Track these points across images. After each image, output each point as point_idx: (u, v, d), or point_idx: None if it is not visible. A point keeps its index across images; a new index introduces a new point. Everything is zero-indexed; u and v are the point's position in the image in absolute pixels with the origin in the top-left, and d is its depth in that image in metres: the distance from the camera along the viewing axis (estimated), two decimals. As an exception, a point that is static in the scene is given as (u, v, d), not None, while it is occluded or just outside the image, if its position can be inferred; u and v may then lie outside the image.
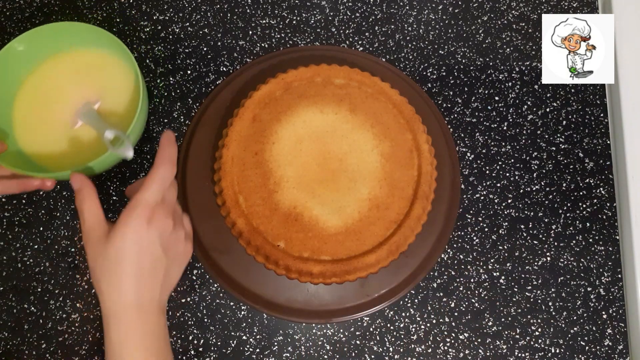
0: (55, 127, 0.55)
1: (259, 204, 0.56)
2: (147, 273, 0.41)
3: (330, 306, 0.59)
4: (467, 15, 0.72)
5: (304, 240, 0.55)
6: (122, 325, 0.40)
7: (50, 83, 0.57)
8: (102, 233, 0.41)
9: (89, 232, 0.42)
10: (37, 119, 0.55)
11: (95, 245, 0.41)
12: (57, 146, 0.55)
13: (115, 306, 0.40)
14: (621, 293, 0.62)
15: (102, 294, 0.41)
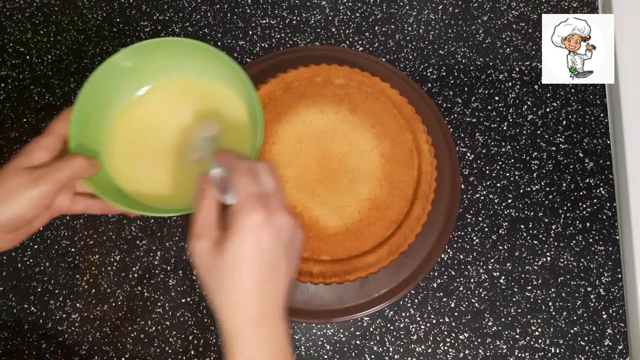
0: (151, 158, 0.48)
1: (259, 204, 0.56)
2: (268, 279, 0.35)
3: (330, 306, 0.59)
4: (467, 15, 0.72)
5: (304, 240, 0.55)
6: (247, 344, 0.35)
7: (152, 110, 0.49)
8: (212, 240, 0.35)
9: (198, 239, 0.35)
10: (133, 147, 0.48)
11: (206, 255, 0.35)
12: (151, 178, 0.48)
13: (238, 324, 0.35)
14: (621, 293, 0.62)
15: (220, 311, 0.35)
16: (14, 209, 0.37)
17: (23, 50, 0.70)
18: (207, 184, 0.37)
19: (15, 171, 0.38)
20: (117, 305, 0.60)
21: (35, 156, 0.39)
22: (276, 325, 0.36)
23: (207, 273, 0.35)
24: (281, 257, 0.36)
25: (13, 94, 0.68)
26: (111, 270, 0.62)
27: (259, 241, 0.34)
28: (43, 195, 0.38)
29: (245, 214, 0.34)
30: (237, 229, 0.34)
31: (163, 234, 0.63)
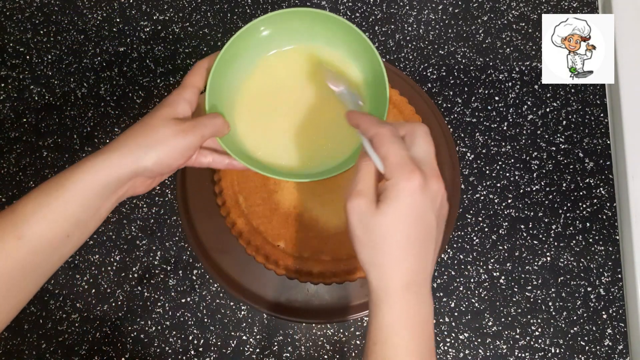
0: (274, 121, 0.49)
1: (259, 204, 0.56)
2: (419, 247, 0.35)
3: (330, 306, 0.59)
4: (467, 15, 0.72)
5: (304, 240, 0.55)
6: (394, 308, 0.35)
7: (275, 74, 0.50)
8: (371, 200, 0.35)
9: (358, 196, 0.35)
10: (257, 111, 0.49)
11: (362, 215, 0.35)
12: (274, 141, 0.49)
13: (389, 285, 0.35)
14: (621, 293, 0.62)
15: (371, 270, 0.36)
16: (163, 155, 0.40)
17: (23, 50, 0.70)
18: (368, 145, 0.37)
19: (165, 120, 0.40)
20: (117, 305, 0.60)
21: (179, 108, 0.42)
22: (424, 294, 0.36)
23: (363, 231, 0.36)
24: (434, 224, 0.36)
25: (13, 94, 0.68)
26: (111, 270, 0.62)
27: (416, 206, 0.35)
28: (190, 146, 0.41)
29: (403, 180, 0.34)
30: (395, 193, 0.34)
31: (163, 234, 0.63)
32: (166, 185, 0.64)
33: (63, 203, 0.37)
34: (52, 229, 0.37)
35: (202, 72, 0.44)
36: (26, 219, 0.37)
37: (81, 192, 0.38)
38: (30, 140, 0.66)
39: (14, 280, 0.37)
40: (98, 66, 0.69)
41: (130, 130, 0.41)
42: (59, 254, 0.39)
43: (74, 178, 0.38)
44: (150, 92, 0.68)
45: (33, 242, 0.37)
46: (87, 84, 0.68)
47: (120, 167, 0.39)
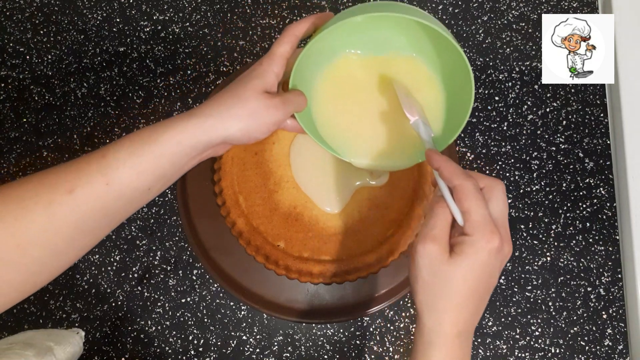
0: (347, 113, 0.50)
1: (259, 204, 0.56)
2: (481, 300, 0.38)
3: (330, 306, 0.59)
4: (467, 15, 0.72)
5: (304, 240, 0.55)
6: (443, 353, 0.37)
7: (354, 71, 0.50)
8: (444, 248, 0.36)
9: (432, 241, 0.36)
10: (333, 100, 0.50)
11: (433, 260, 0.36)
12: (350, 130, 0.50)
13: (445, 331, 0.37)
14: (621, 293, 0.62)
15: (429, 313, 0.38)
16: (253, 127, 0.41)
17: (23, 50, 0.70)
18: (448, 194, 0.38)
19: (256, 93, 0.41)
20: (117, 305, 0.60)
21: (269, 81, 0.43)
22: (469, 342, 0.39)
23: (430, 275, 0.37)
24: (495, 282, 0.38)
25: (13, 94, 0.68)
26: (111, 270, 0.62)
27: (488, 266, 0.36)
28: (277, 121, 0.43)
29: (484, 240, 0.36)
30: (474, 250, 0.36)
31: (163, 234, 0.63)
32: (166, 185, 0.64)
33: (153, 157, 0.38)
34: (139, 179, 0.38)
35: (292, 40, 0.44)
36: (117, 166, 0.37)
37: (172, 149, 0.39)
38: (30, 140, 0.66)
39: (95, 222, 0.38)
40: (98, 66, 0.69)
41: (221, 97, 0.41)
42: (138, 204, 0.40)
43: (167, 135, 0.39)
44: (150, 92, 0.68)
45: (119, 190, 0.38)
46: (87, 84, 0.68)
47: (211, 133, 0.40)
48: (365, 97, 0.50)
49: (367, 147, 0.50)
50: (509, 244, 0.37)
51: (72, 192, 0.36)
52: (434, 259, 0.36)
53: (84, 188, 0.36)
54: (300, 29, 0.45)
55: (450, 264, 0.36)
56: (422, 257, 0.37)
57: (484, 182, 0.39)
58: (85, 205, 0.36)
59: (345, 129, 0.50)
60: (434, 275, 0.37)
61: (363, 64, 0.50)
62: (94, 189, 0.37)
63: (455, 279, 0.36)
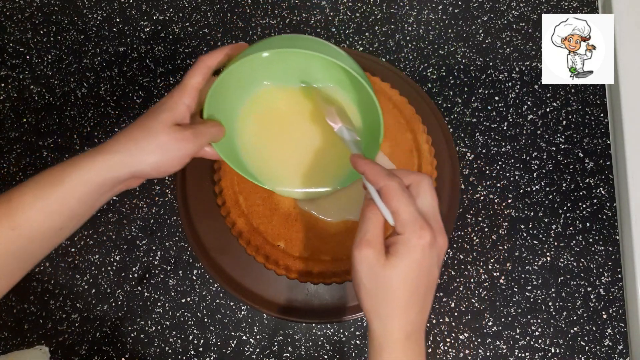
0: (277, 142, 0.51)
1: (259, 204, 0.56)
2: (421, 299, 0.37)
3: (330, 306, 0.59)
4: (467, 15, 0.72)
5: (304, 240, 0.55)
6: (394, 357, 0.37)
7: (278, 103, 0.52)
8: (379, 251, 0.37)
9: (367, 246, 0.37)
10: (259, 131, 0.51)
11: (371, 266, 0.36)
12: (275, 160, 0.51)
13: (392, 335, 0.37)
14: (621, 293, 0.62)
15: (375, 319, 0.38)
16: (162, 161, 0.41)
17: (23, 50, 0.70)
18: (377, 196, 0.38)
19: (165, 126, 0.41)
20: (117, 305, 0.60)
21: (179, 113, 0.42)
22: (420, 343, 0.38)
23: (370, 281, 0.37)
24: (437, 277, 0.38)
25: (13, 94, 0.68)
26: (111, 270, 0.62)
27: (423, 263, 0.36)
28: (189, 154, 0.42)
29: (415, 237, 0.36)
30: (407, 249, 0.36)
31: (163, 234, 0.63)
32: (166, 185, 0.64)
33: (61, 198, 0.38)
34: (47, 221, 0.38)
35: (204, 71, 0.44)
36: (23, 210, 0.37)
37: (79, 188, 0.39)
38: (30, 140, 0.66)
39: (5, 266, 0.38)
40: (98, 66, 0.69)
41: (129, 131, 0.41)
42: (51, 244, 0.40)
43: (73, 174, 0.38)
44: (150, 92, 0.68)
45: (27, 233, 0.38)
46: (87, 84, 0.68)
47: (119, 169, 0.40)
48: (289, 126, 0.51)
49: (292, 175, 0.51)
50: (442, 236, 0.37)
51: None
52: (371, 263, 0.36)
53: None
54: (213, 59, 0.45)
55: (387, 267, 0.36)
56: (359, 263, 0.37)
57: (409, 179, 0.39)
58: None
59: (270, 158, 0.51)
60: (374, 281, 0.37)
61: (283, 94, 0.51)
62: (1, 233, 0.37)
63: (394, 282, 0.36)
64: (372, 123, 0.49)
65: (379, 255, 0.36)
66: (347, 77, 0.50)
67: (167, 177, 0.64)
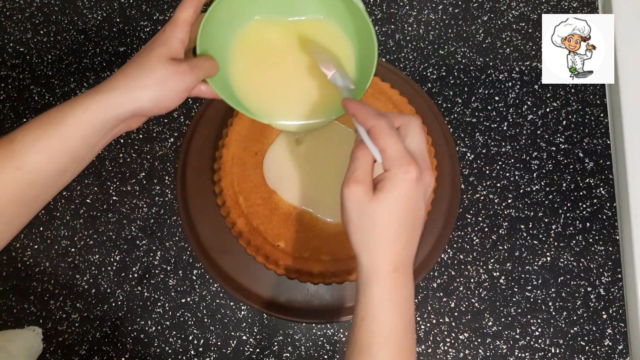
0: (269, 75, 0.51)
1: (259, 204, 0.56)
2: (409, 234, 0.38)
3: (330, 306, 0.59)
4: (467, 15, 0.72)
5: (304, 240, 0.55)
6: (383, 287, 0.38)
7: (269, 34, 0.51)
8: (367, 187, 0.37)
9: (356, 183, 0.37)
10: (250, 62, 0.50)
11: (359, 201, 0.37)
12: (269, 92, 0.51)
13: (379, 267, 0.38)
14: (621, 293, 0.62)
15: (363, 252, 0.38)
16: (162, 96, 0.40)
17: (23, 50, 0.70)
18: (366, 136, 0.39)
19: (162, 61, 0.40)
20: (117, 305, 0.60)
21: (174, 48, 0.42)
22: (408, 275, 0.39)
23: (358, 216, 0.38)
24: (423, 212, 0.39)
25: (13, 94, 0.68)
26: (111, 270, 0.62)
27: (410, 197, 0.37)
28: (187, 88, 0.42)
29: (401, 172, 0.36)
30: (393, 184, 0.37)
31: (163, 234, 0.63)
32: (166, 185, 0.64)
33: (62, 138, 0.38)
34: (50, 162, 0.38)
35: (194, 5, 0.43)
36: (26, 150, 0.37)
37: (81, 128, 0.38)
38: (30, 140, 0.66)
39: (9, 210, 0.37)
40: (98, 66, 0.69)
41: (126, 68, 0.41)
42: (54, 187, 0.40)
43: (73, 114, 0.38)
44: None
45: (31, 174, 0.37)
46: (87, 84, 0.68)
47: (119, 106, 0.39)
48: (281, 59, 0.51)
49: (286, 107, 0.50)
50: (429, 173, 0.38)
51: None
52: (360, 199, 0.37)
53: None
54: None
55: (374, 202, 0.37)
56: (348, 200, 0.38)
57: (399, 120, 0.39)
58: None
59: (262, 91, 0.50)
60: (361, 215, 0.37)
61: (275, 27, 0.51)
62: (5, 174, 0.36)
63: (381, 216, 0.37)
64: (364, 52, 0.48)
65: (367, 191, 0.37)
66: (339, 5, 0.49)
67: (167, 177, 0.64)
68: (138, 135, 0.66)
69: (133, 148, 0.66)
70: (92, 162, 0.65)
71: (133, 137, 0.66)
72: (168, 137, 0.66)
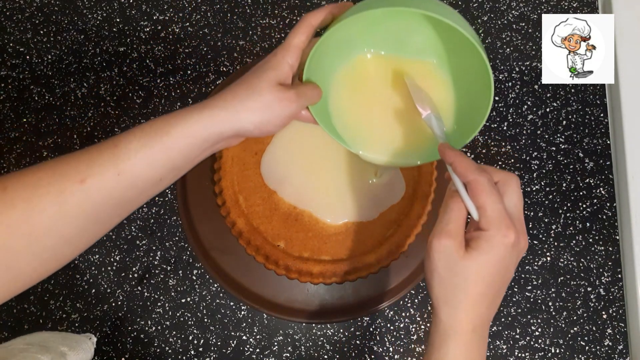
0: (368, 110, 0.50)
1: (259, 204, 0.56)
2: (494, 296, 0.38)
3: (330, 306, 0.59)
4: (467, 15, 0.72)
5: (304, 240, 0.55)
6: (460, 346, 0.37)
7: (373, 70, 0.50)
8: (460, 243, 0.36)
9: (448, 237, 0.36)
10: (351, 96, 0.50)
11: (449, 256, 0.36)
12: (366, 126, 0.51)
13: (460, 326, 0.37)
14: (621, 293, 0.62)
15: (445, 307, 0.38)
16: (266, 120, 0.41)
17: (23, 50, 0.70)
18: (463, 189, 0.38)
19: (270, 85, 0.41)
20: (117, 305, 0.60)
21: (283, 73, 0.42)
22: (485, 335, 0.39)
23: (446, 271, 0.37)
24: (512, 275, 0.38)
25: (13, 94, 0.68)
26: (111, 270, 0.62)
27: (503, 261, 0.36)
28: (291, 114, 0.42)
29: (500, 235, 0.36)
30: (490, 245, 0.36)
31: (163, 234, 0.63)
32: (166, 185, 0.64)
33: (165, 149, 0.38)
34: (150, 170, 0.38)
35: (308, 30, 0.43)
36: (128, 157, 0.37)
37: (184, 141, 0.39)
38: (30, 140, 0.66)
39: (106, 212, 0.38)
40: (98, 66, 0.69)
41: (235, 88, 0.41)
42: (148, 194, 0.40)
43: (179, 127, 0.39)
44: (150, 92, 0.68)
45: (130, 180, 0.37)
46: (87, 84, 0.68)
47: (224, 125, 0.40)
48: (381, 94, 0.50)
49: (380, 142, 0.50)
50: (524, 238, 0.37)
51: (84, 182, 0.36)
52: (450, 254, 0.36)
53: (96, 178, 0.36)
54: (317, 18, 0.44)
55: (466, 259, 0.36)
56: (437, 252, 0.37)
57: (498, 176, 0.39)
58: (96, 195, 0.36)
59: (359, 123, 0.50)
60: (449, 270, 0.37)
61: (383, 62, 0.50)
62: (105, 179, 0.36)
63: (471, 274, 0.36)
64: (471, 105, 0.47)
65: (459, 247, 0.36)
66: (454, 50, 0.47)
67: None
68: (138, 135, 0.66)
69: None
70: (92, 162, 0.65)
71: (133, 137, 0.66)
72: (168, 137, 0.66)
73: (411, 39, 0.48)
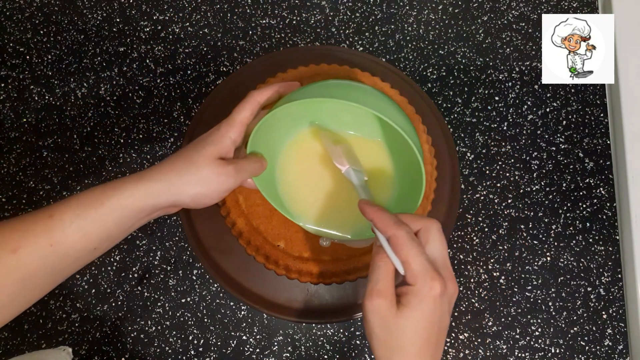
0: (311, 182, 0.53)
1: (259, 204, 0.56)
2: (433, 347, 0.38)
3: (330, 306, 0.59)
4: (467, 15, 0.72)
5: (304, 240, 0.55)
6: None
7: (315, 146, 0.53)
8: (391, 301, 0.37)
9: (378, 297, 0.37)
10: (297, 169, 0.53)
11: (383, 317, 0.37)
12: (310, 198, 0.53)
13: None
14: (621, 293, 0.62)
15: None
16: (202, 193, 0.42)
17: (23, 50, 0.70)
18: (387, 244, 0.38)
19: (209, 160, 0.42)
20: (117, 305, 0.60)
21: (224, 146, 0.43)
22: None
23: (383, 331, 0.37)
24: (447, 322, 0.39)
25: (13, 94, 0.68)
26: (111, 270, 0.62)
27: (435, 312, 0.37)
28: (229, 189, 0.44)
29: (426, 287, 0.36)
30: (419, 300, 0.36)
31: (163, 234, 0.63)
32: (166, 185, 0.64)
33: (99, 219, 0.39)
34: (84, 240, 0.39)
35: (253, 107, 0.45)
36: (62, 228, 0.38)
37: (118, 211, 0.40)
38: (30, 140, 0.66)
39: (39, 280, 0.38)
40: (98, 66, 0.69)
41: (173, 160, 0.42)
42: (82, 262, 0.41)
43: (114, 198, 0.39)
44: (150, 92, 0.68)
45: (64, 250, 0.38)
46: (87, 84, 0.68)
47: (159, 197, 0.41)
48: (325, 169, 0.53)
49: (319, 216, 0.52)
50: (453, 284, 0.38)
51: (16, 252, 0.37)
52: (383, 314, 0.37)
53: (28, 248, 0.37)
54: (262, 96, 0.46)
55: (399, 317, 0.36)
56: (371, 314, 0.37)
57: (418, 224, 0.39)
58: (29, 264, 0.37)
59: (301, 196, 0.53)
60: (386, 330, 0.37)
61: (329, 136, 0.52)
62: (38, 249, 0.37)
63: (406, 332, 0.36)
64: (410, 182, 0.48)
65: (391, 305, 0.37)
66: (394, 135, 0.48)
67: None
68: (138, 136, 0.66)
69: (133, 148, 0.66)
70: (92, 163, 0.65)
71: (133, 137, 0.66)
72: (168, 137, 0.66)
73: (358, 120, 0.51)
